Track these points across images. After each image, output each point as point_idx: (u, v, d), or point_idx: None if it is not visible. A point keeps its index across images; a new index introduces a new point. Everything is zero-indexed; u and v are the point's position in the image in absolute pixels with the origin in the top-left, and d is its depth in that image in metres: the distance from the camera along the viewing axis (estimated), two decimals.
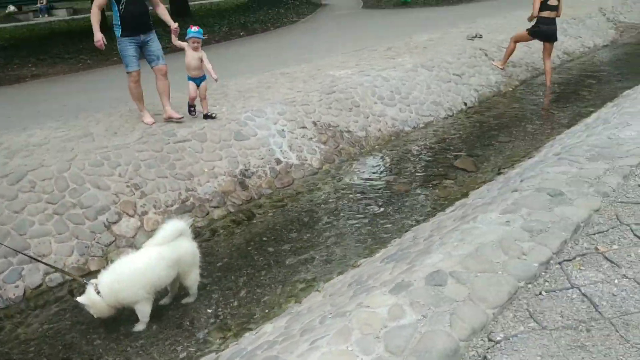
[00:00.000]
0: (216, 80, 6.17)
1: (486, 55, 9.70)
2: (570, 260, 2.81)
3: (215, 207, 5.46)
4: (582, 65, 10.87)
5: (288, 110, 6.87)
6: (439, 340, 2.22)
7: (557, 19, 8.79)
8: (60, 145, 5.74)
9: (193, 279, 3.97)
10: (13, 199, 4.76)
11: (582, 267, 2.74)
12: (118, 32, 5.83)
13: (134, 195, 5.22)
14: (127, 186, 5.26)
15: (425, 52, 9.56)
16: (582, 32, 12.43)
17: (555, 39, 9.00)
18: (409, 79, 8.35)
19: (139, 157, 5.57)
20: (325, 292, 3.68)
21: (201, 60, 6.14)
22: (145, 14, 5.94)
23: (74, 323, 3.96)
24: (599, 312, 2.40)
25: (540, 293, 2.57)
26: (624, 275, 2.65)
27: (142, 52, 6.04)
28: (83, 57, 13.08)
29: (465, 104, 8.42)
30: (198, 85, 6.26)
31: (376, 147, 7.04)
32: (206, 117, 6.40)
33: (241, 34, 15.60)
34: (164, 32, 7.29)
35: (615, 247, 2.91)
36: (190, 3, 24.29)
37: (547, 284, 2.64)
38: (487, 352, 2.24)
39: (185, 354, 3.50)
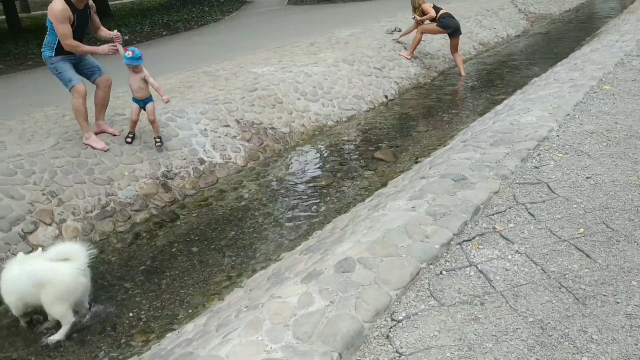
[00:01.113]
0: (167, 101, 5.79)
1: (405, 48, 9.98)
2: (469, 241, 3.00)
3: (137, 211, 5.39)
4: (496, 55, 11.38)
5: (210, 109, 6.86)
6: (343, 324, 2.34)
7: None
8: None
9: (54, 312, 3.60)
10: None
11: (480, 246, 2.94)
12: (50, 53, 5.35)
13: (51, 203, 5.07)
14: (43, 194, 5.11)
15: (346, 47, 9.74)
16: (495, 24, 13.01)
17: (460, 32, 9.46)
18: (330, 73, 8.49)
19: (55, 163, 5.42)
20: (247, 287, 3.74)
21: (145, 81, 5.67)
22: (83, 36, 5.53)
23: None
24: (493, 287, 2.59)
25: (440, 273, 2.74)
26: (517, 251, 2.86)
27: (78, 69, 5.55)
28: None
29: (386, 96, 8.66)
30: (143, 108, 5.81)
31: (300, 142, 7.14)
32: (157, 141, 5.94)
33: (164, 33, 15.32)
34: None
35: (511, 225, 3.13)
36: (111, 2, 23.61)
37: (447, 263, 2.82)
38: (390, 331, 2.37)
39: (107, 359, 3.47)
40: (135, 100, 5.79)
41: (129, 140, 5.91)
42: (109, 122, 6.20)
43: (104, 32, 5.64)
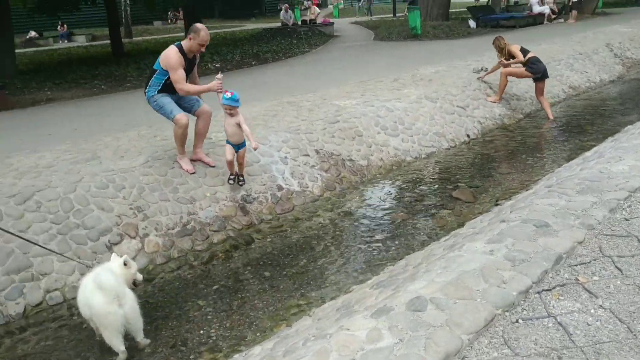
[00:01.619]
0: (255, 149, 5.80)
1: (491, 88, 9.83)
2: (549, 290, 2.88)
3: (215, 231, 5.57)
4: (587, 100, 10.97)
5: (292, 138, 7.03)
6: None
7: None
8: (67, 168, 5.91)
9: (104, 337, 3.63)
10: (19, 218, 4.91)
11: (560, 297, 2.81)
12: (155, 90, 5.71)
13: (137, 217, 5.35)
14: (130, 208, 5.40)
15: (430, 84, 9.73)
16: (588, 67, 12.58)
17: (547, 77, 9.20)
18: (412, 110, 8.50)
19: (144, 180, 5.72)
20: (315, 316, 3.75)
21: (239, 126, 5.69)
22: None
23: (70, 341, 4.05)
24: (572, 341, 2.46)
25: (517, 321, 2.64)
26: (601, 305, 2.71)
27: (178, 104, 5.80)
28: (98, 83, 13.43)
29: (468, 135, 8.54)
30: (237, 151, 5.84)
31: (377, 176, 7.15)
32: (236, 178, 6.01)
33: (253, 63, 15.92)
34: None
35: (595, 278, 2.97)
36: None
37: (524, 312, 2.71)
38: None
39: None
40: (229, 142, 5.81)
41: (230, 182, 5.99)
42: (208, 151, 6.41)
43: (196, 80, 6.02)
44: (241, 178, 6.04)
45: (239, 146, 5.81)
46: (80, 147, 6.87)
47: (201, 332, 4.00)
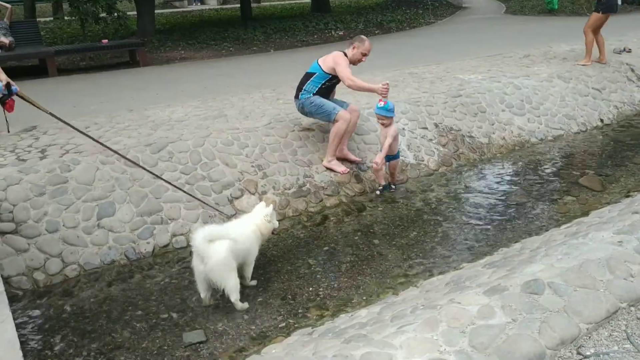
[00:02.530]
0: (376, 163, 5.61)
1: (632, 70, 9.04)
2: None
3: (329, 196, 5.70)
4: None
5: (411, 109, 6.95)
6: (524, 344, 2.25)
7: None
8: (197, 123, 6.30)
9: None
10: (153, 166, 5.33)
11: None
12: (308, 94, 5.82)
13: (257, 175, 5.61)
14: (252, 166, 5.66)
15: (564, 62, 9.13)
16: None
17: (615, 11, 8.78)
18: (542, 89, 8.04)
19: (265, 140, 5.97)
20: (423, 288, 3.76)
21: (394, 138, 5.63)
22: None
23: (191, 282, 4.36)
24: None
25: None
26: None
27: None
28: (227, 45, 14.04)
29: (602, 120, 7.95)
30: (387, 162, 5.77)
31: (498, 155, 6.90)
32: (392, 187, 5.90)
33: (376, 32, 15.81)
34: None
35: None
36: None
37: None
38: None
39: (284, 324, 3.75)
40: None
41: (377, 193, 5.81)
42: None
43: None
44: (393, 186, 5.90)
45: (392, 157, 5.74)
46: (209, 105, 7.28)
47: (310, 289, 4.16)
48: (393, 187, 5.91)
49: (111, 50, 12.29)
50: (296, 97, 5.96)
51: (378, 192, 5.81)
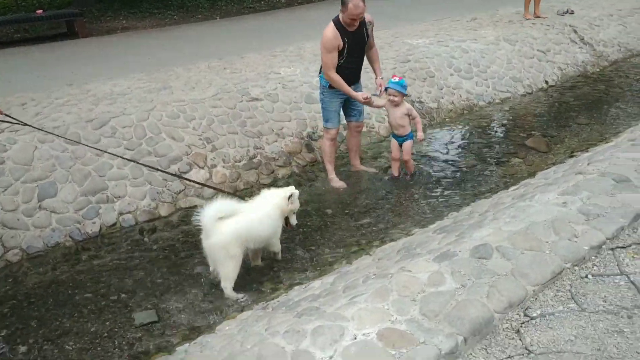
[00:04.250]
0: (421, 140, 5.26)
1: (575, 32, 9.21)
2: (624, 248, 2.75)
3: (280, 167, 5.63)
4: None
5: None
6: (473, 309, 2.27)
7: None
8: (141, 96, 6.07)
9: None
10: (96, 142, 5.13)
11: (635, 256, 2.68)
12: (326, 82, 5.00)
13: (205, 148, 5.47)
14: (200, 139, 5.52)
15: (510, 25, 9.21)
16: None
17: None
18: (489, 52, 8.11)
19: (213, 112, 5.81)
20: (375, 256, 3.77)
21: (408, 116, 5.17)
22: (361, 67, 5.17)
23: (141, 261, 4.27)
24: None
25: (586, 276, 2.55)
26: None
27: (344, 104, 5.23)
28: (170, 13, 13.56)
29: (547, 82, 8.10)
30: (401, 144, 5.27)
31: (447, 119, 6.95)
32: (407, 175, 5.40)
33: None
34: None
35: None
36: None
37: (595, 268, 2.61)
38: (521, 327, 2.27)
39: (235, 305, 3.69)
40: (394, 136, 5.31)
41: (388, 176, 5.44)
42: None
43: (374, 58, 5.26)
44: (407, 176, 5.39)
45: (404, 138, 5.24)
46: (153, 77, 7.02)
47: (263, 262, 4.10)
48: (407, 176, 5.39)
49: (47, 21, 11.67)
50: (320, 72, 5.16)
51: (389, 176, 5.42)
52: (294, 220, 4.09)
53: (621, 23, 9.98)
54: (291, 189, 4.00)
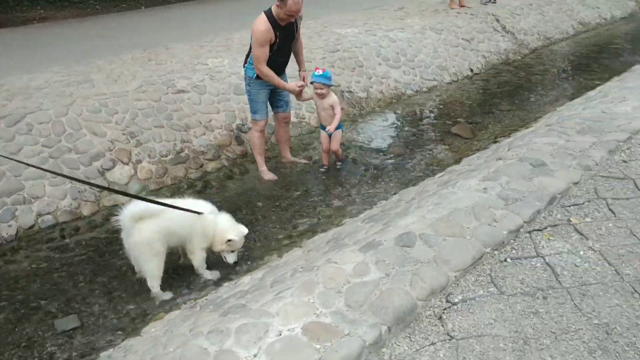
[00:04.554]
0: (330, 132, 5.13)
1: (498, 21, 9.51)
2: (540, 230, 2.85)
3: (209, 160, 5.51)
4: (596, 36, 10.66)
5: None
6: (396, 298, 2.29)
7: None
8: (59, 90, 5.77)
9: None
10: (10, 141, 4.84)
11: (551, 238, 2.78)
12: (252, 73, 4.90)
13: (130, 143, 5.27)
14: (123, 134, 5.31)
15: (435, 14, 9.40)
16: (600, 3, 12.13)
17: None
18: (416, 41, 8.25)
19: (137, 105, 5.61)
20: (306, 247, 3.75)
21: (332, 108, 5.11)
22: (288, 59, 5.12)
23: (63, 264, 4.08)
24: (559, 282, 2.45)
25: (505, 260, 2.63)
26: (591, 247, 2.69)
27: (271, 95, 5.16)
28: (92, 2, 13.00)
29: (472, 70, 8.33)
30: (330, 136, 5.22)
31: (376, 109, 7.02)
32: (339, 165, 5.41)
33: None
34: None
35: (588, 219, 2.94)
36: None
37: (513, 251, 2.69)
38: (443, 313, 2.31)
39: (168, 306, 3.59)
40: (322, 127, 5.27)
41: (322, 169, 5.38)
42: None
43: (299, 51, 5.19)
44: (339, 163, 5.41)
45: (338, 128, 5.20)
46: (73, 70, 6.70)
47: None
48: (339, 164, 5.41)
49: None
50: (244, 65, 5.11)
51: (323, 170, 5.38)
52: (231, 259, 3.77)
53: (540, 12, 10.40)
54: (237, 232, 3.68)
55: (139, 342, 2.87)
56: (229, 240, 3.65)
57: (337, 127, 5.21)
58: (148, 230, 3.38)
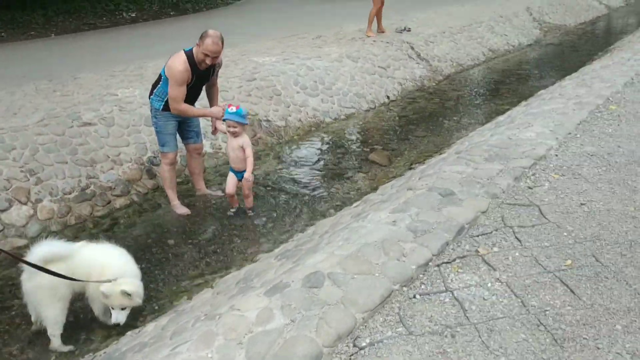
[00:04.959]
0: (247, 180, 4.75)
1: (412, 48, 9.77)
2: (449, 263, 2.82)
3: (117, 196, 5.22)
4: (505, 63, 11.16)
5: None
6: (300, 347, 2.16)
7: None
8: None
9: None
10: None
11: (459, 270, 2.76)
12: (159, 105, 4.69)
13: (29, 181, 4.91)
14: (22, 171, 4.94)
15: (352, 42, 9.53)
16: (508, 30, 12.77)
17: None
18: (333, 69, 8.30)
19: (38, 140, 5.25)
20: (217, 288, 3.58)
21: (243, 150, 4.71)
22: (197, 98, 4.93)
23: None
24: (467, 317, 2.41)
25: (414, 296, 2.56)
26: (498, 278, 2.68)
27: (180, 127, 4.94)
28: None
29: (388, 97, 8.46)
30: (240, 180, 4.85)
31: (295, 137, 6.95)
32: (250, 212, 4.97)
33: (172, 13, 15.09)
34: None
35: (495, 249, 2.95)
36: None
37: (422, 286, 2.64)
38: (350, 359, 2.20)
39: (65, 351, 3.31)
40: (232, 170, 4.88)
41: (230, 213, 4.99)
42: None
43: (215, 91, 5.09)
44: (250, 210, 4.97)
45: (241, 173, 4.80)
46: None
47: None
48: (250, 211, 4.97)
49: None
50: (149, 97, 4.85)
51: (231, 213, 5.00)
52: (120, 318, 3.33)
53: (452, 40, 10.79)
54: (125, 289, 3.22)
55: None
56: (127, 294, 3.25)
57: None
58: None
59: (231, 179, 4.88)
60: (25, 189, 4.85)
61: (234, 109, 4.61)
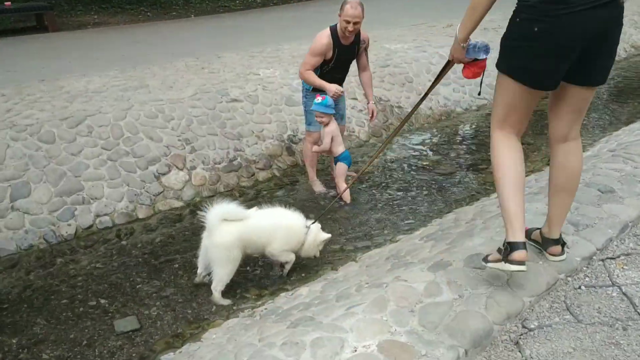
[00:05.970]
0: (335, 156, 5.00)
1: None
2: (613, 259, 2.79)
3: (260, 169, 5.56)
4: None
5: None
6: (472, 321, 2.26)
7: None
8: (117, 94, 5.91)
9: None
10: (71, 142, 4.97)
11: (625, 267, 2.72)
12: (309, 86, 4.93)
13: (185, 149, 5.36)
14: (179, 140, 5.41)
15: (485, 32, 9.31)
16: None
17: None
18: None
19: (192, 112, 5.71)
20: (362, 262, 3.74)
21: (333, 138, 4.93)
22: (344, 80, 5.14)
23: (120, 265, 4.15)
24: (638, 313, 2.39)
25: (579, 287, 2.57)
26: None
27: None
28: (143, 9, 13.31)
29: None
30: (335, 163, 5.09)
31: (425, 125, 6.99)
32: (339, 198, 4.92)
33: None
34: None
35: None
36: None
37: (587, 279, 2.64)
38: (520, 338, 2.27)
39: (224, 311, 3.61)
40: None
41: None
42: None
43: (367, 83, 5.23)
44: (340, 201, 4.97)
45: (337, 158, 5.04)
46: (128, 75, 6.86)
47: (247, 268, 4.02)
48: (340, 202, 4.97)
49: (16, 14, 11.31)
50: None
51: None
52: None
53: None
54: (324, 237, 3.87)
55: (202, 347, 2.90)
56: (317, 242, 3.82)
57: (344, 161, 5.02)
58: (231, 234, 3.45)
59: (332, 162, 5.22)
60: (182, 156, 5.30)
61: (320, 99, 4.78)
